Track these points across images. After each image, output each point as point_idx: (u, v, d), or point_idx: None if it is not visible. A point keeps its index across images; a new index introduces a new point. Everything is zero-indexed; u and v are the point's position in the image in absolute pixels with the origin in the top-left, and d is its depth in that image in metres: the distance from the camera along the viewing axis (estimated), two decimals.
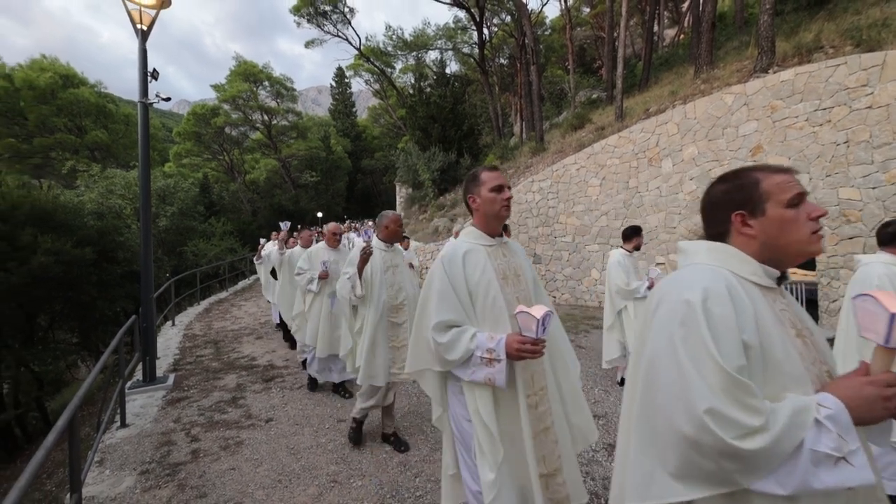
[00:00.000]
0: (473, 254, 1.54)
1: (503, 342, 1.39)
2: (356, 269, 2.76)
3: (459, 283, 1.50)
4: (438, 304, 1.49)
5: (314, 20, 24.59)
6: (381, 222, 2.93)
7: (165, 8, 4.43)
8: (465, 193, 1.62)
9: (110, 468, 2.92)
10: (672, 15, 25.43)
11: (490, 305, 1.50)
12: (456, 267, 1.51)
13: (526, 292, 1.58)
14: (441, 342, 1.44)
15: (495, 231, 1.60)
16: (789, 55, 7.09)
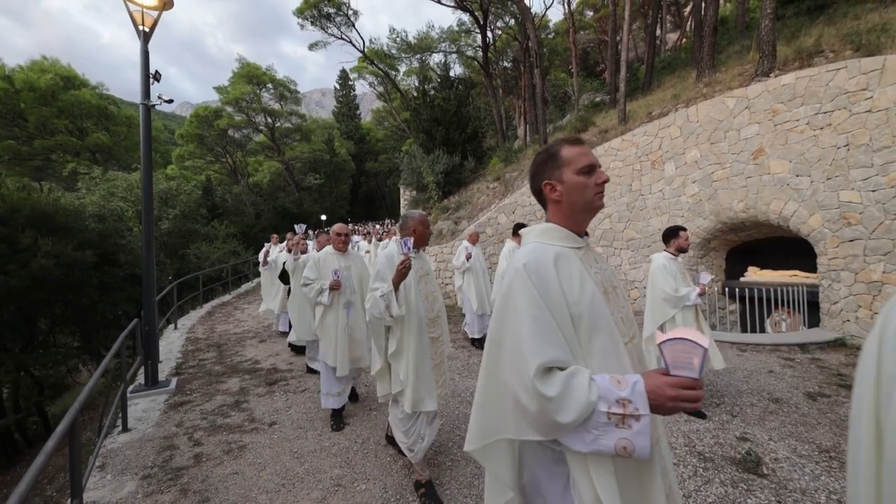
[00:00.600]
0: (565, 260, 1.10)
1: (640, 387, 0.92)
2: (390, 285, 2.35)
3: (557, 303, 1.03)
4: (535, 338, 0.98)
5: (318, 22, 24.69)
6: (407, 224, 2.54)
7: (167, 10, 4.44)
8: (537, 179, 1.19)
9: (112, 473, 2.90)
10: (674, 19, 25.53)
11: (599, 333, 1.04)
12: (549, 280, 1.05)
13: (626, 312, 1.18)
14: (550, 395, 0.92)
15: (583, 228, 1.19)
16: (790, 59, 7.10)
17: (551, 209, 1.20)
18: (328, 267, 3.46)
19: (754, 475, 2.61)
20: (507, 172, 12.49)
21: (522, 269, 1.07)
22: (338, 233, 3.54)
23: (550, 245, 1.13)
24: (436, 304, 2.63)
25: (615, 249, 8.36)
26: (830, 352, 5.15)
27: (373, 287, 2.42)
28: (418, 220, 2.55)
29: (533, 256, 1.09)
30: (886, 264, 5.12)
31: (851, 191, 5.42)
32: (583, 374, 0.95)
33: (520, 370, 0.97)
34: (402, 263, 2.34)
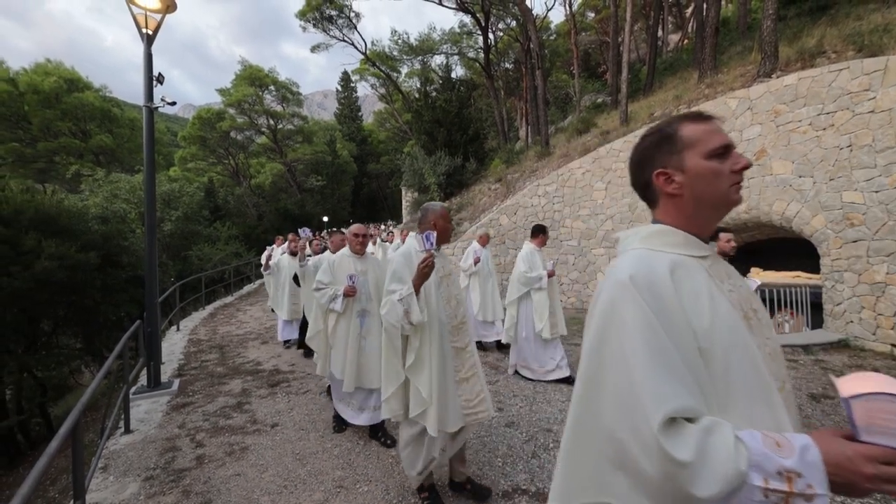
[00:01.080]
0: (686, 273, 0.80)
1: (814, 455, 0.64)
2: (410, 287, 2.06)
3: (680, 331, 0.74)
4: (656, 376, 0.70)
5: (320, 25, 24.80)
6: (427, 217, 2.25)
7: (171, 13, 4.46)
8: (646, 168, 0.89)
9: (114, 474, 2.91)
10: (676, 20, 25.52)
11: (740, 374, 0.75)
12: (667, 299, 0.75)
13: (774, 346, 0.85)
14: (683, 459, 0.65)
15: (709, 231, 0.89)
16: (792, 60, 7.09)
17: (665, 206, 0.89)
18: (343, 271, 3.14)
19: None
20: (508, 174, 12.50)
21: (629, 282, 0.77)
22: (355, 233, 3.19)
23: (662, 252, 0.83)
24: (459, 309, 2.32)
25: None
26: (834, 353, 5.13)
27: (389, 289, 2.15)
28: (439, 214, 2.26)
29: (643, 266, 0.79)
30: (890, 265, 5.09)
31: (854, 191, 5.40)
32: (724, 429, 0.67)
33: (634, 420, 0.70)
34: (424, 262, 2.03)
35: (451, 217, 2.40)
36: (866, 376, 0.67)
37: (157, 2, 4.24)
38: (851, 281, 5.43)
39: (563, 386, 4.22)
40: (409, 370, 2.16)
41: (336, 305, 3.06)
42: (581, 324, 6.82)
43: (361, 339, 3.10)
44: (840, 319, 5.56)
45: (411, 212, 18.85)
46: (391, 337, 2.18)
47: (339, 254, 3.33)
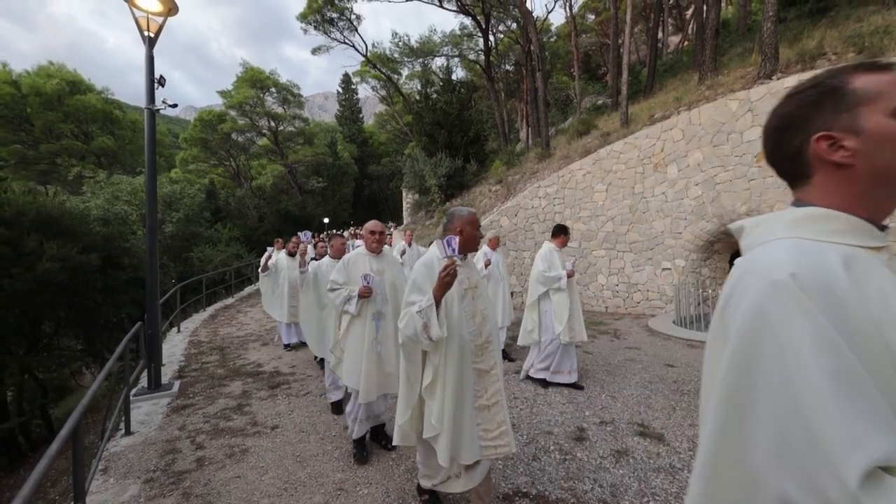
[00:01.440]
0: (864, 269, 0.60)
1: None
2: (431, 298, 1.86)
3: (872, 346, 0.55)
4: (846, 413, 0.50)
5: (321, 27, 24.88)
6: (452, 223, 2.08)
7: (173, 15, 4.48)
8: (797, 132, 0.68)
9: (114, 476, 2.91)
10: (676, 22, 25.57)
11: None
12: (847, 306, 0.56)
13: None
14: None
15: (886, 214, 0.68)
16: (792, 62, 7.10)
17: (824, 182, 0.67)
18: (359, 270, 2.92)
19: None
20: (509, 175, 12.50)
21: (791, 282, 0.57)
22: (372, 231, 3.00)
23: (829, 243, 0.62)
24: (485, 326, 2.08)
25: (618, 252, 8.34)
26: None
27: (409, 301, 1.98)
28: (467, 219, 2.06)
29: (809, 261, 0.59)
30: None
31: None
32: None
33: (813, 473, 0.51)
34: (446, 270, 1.81)
35: (479, 223, 2.15)
36: None
37: (159, 5, 4.26)
38: None
39: (564, 388, 4.21)
40: (425, 390, 1.98)
41: (350, 307, 2.84)
42: None
43: (377, 344, 2.85)
44: None
45: (412, 213, 18.84)
46: (409, 353, 2.01)
47: (354, 252, 3.11)
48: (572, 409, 3.72)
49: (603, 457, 2.91)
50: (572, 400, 3.93)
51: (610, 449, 3.02)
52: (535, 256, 4.36)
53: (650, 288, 7.92)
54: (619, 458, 2.88)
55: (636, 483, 2.60)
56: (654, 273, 7.83)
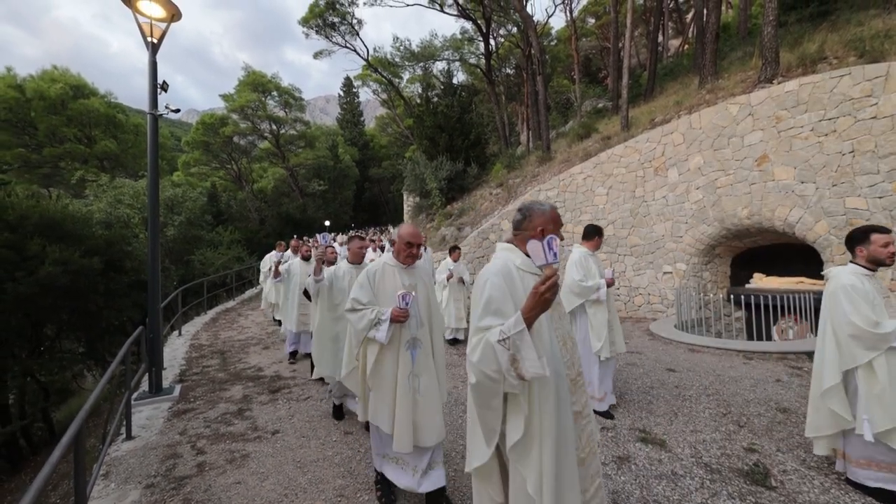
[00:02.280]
0: None
1: None
2: (520, 322, 1.31)
3: None
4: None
5: (322, 31, 25.04)
6: (531, 220, 1.62)
7: (176, 21, 4.53)
8: None
9: (115, 482, 2.91)
10: (676, 25, 25.64)
11: None
12: None
13: None
14: None
15: None
16: (793, 66, 7.11)
17: None
18: (388, 286, 2.40)
19: (762, 487, 2.57)
20: (510, 178, 12.53)
21: None
22: (410, 241, 2.40)
23: None
24: (575, 352, 1.66)
25: (619, 255, 8.34)
26: None
27: (481, 325, 1.43)
28: (549, 217, 1.63)
29: None
30: (894, 271, 5.07)
31: (858, 197, 5.39)
32: None
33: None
34: (546, 283, 1.28)
35: (562, 222, 1.73)
36: None
37: (163, 11, 4.31)
38: None
39: None
40: (514, 451, 1.43)
41: (379, 333, 2.26)
42: None
43: (413, 378, 2.33)
44: None
45: (413, 216, 18.86)
46: (484, 397, 1.42)
47: (379, 263, 2.52)
48: None
49: (604, 463, 2.90)
50: None
51: (611, 455, 3.00)
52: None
53: (651, 292, 7.91)
54: (621, 465, 2.87)
55: (638, 490, 2.59)
56: (656, 277, 7.82)
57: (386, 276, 2.46)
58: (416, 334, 2.39)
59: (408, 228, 2.46)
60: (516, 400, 1.42)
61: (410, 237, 2.41)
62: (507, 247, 1.67)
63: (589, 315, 3.63)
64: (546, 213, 1.64)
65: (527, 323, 1.31)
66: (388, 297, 2.37)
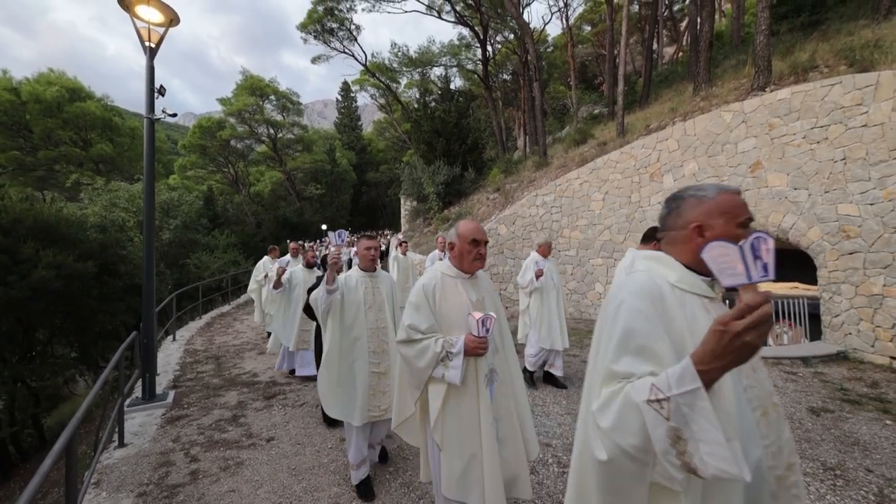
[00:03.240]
0: None
1: None
2: (694, 377, 0.79)
3: None
4: None
5: (321, 37, 25.16)
6: (683, 218, 1.09)
7: (174, 26, 4.53)
8: None
9: (107, 490, 2.87)
10: (671, 33, 25.99)
11: None
12: None
13: None
14: None
15: None
16: (785, 74, 7.21)
17: None
18: (453, 304, 1.83)
19: None
20: (507, 183, 12.58)
21: None
22: (475, 239, 1.84)
23: None
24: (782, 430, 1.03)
25: (615, 261, 8.37)
26: (833, 365, 5.12)
27: (617, 370, 0.96)
28: (715, 205, 1.05)
29: None
30: (887, 277, 5.12)
31: (850, 204, 5.45)
32: None
33: None
34: (750, 318, 0.75)
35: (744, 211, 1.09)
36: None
37: (161, 16, 4.31)
38: (849, 293, 5.44)
39: (563, 399, 4.19)
40: None
41: (452, 373, 1.69)
42: (579, 334, 6.80)
43: (496, 424, 1.78)
44: (838, 331, 5.56)
45: (410, 220, 18.87)
46: (616, 483, 0.95)
47: (435, 276, 1.91)
48: (571, 421, 3.70)
49: None
50: (570, 411, 3.91)
51: None
52: None
53: None
54: None
55: None
56: None
57: (447, 292, 1.87)
58: (492, 363, 1.81)
59: (469, 224, 1.89)
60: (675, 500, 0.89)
61: (475, 233, 1.85)
62: (652, 255, 1.14)
63: None
64: (707, 200, 1.05)
65: (704, 381, 0.79)
66: (451, 319, 1.81)
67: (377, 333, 2.73)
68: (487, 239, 1.92)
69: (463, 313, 1.79)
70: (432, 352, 1.74)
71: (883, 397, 4.03)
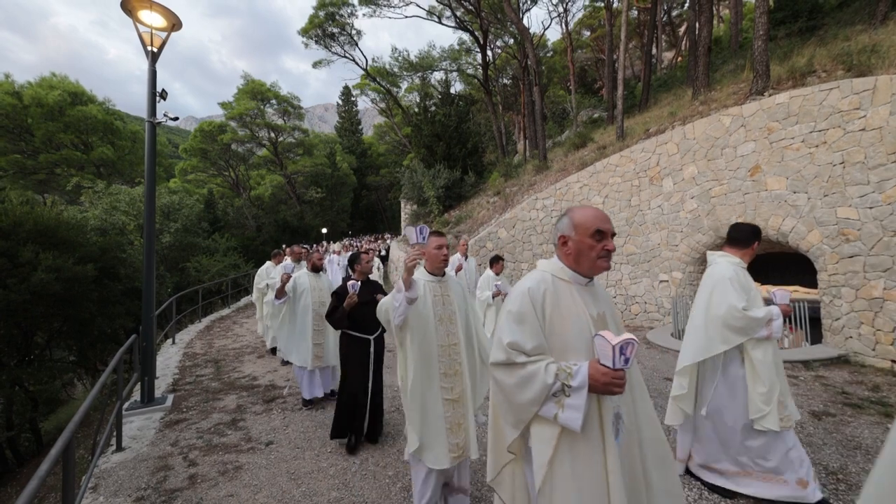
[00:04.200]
0: None
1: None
2: None
3: None
4: None
5: (322, 42, 25.33)
6: None
7: (176, 31, 4.57)
8: None
9: (104, 495, 2.85)
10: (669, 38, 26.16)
11: None
12: None
13: None
14: None
15: None
16: (783, 79, 7.25)
17: None
18: (569, 317, 1.38)
19: None
20: (507, 187, 12.60)
21: None
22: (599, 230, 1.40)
23: None
24: None
25: (615, 264, 8.37)
26: (834, 369, 5.10)
27: None
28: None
29: None
30: (887, 280, 5.12)
31: (849, 207, 5.46)
32: None
33: None
34: None
35: None
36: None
37: (163, 21, 4.34)
38: (849, 296, 5.44)
39: None
40: None
41: (570, 415, 1.25)
42: None
43: (626, 482, 1.31)
44: (839, 335, 5.55)
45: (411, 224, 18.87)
46: None
47: (544, 278, 1.43)
48: None
49: None
50: None
51: None
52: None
53: (648, 300, 7.93)
54: None
55: None
56: (652, 285, 7.85)
57: (561, 301, 1.38)
58: (618, 406, 1.35)
59: (588, 211, 1.42)
60: None
61: (598, 221, 1.38)
62: None
63: (754, 361, 2.37)
64: None
65: None
66: (566, 339, 1.34)
67: (449, 352, 2.25)
68: (613, 230, 1.43)
69: (581, 331, 1.35)
70: (541, 382, 1.26)
71: (884, 401, 4.02)
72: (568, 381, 1.25)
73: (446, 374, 2.23)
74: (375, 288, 3.47)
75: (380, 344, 3.43)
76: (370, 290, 3.40)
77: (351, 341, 3.35)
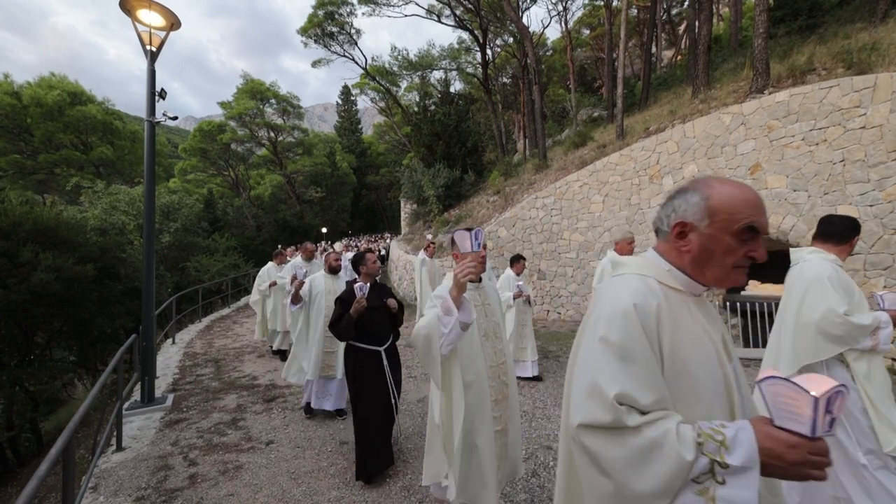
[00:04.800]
0: None
1: None
2: None
3: None
4: None
5: (321, 41, 25.28)
6: None
7: (175, 30, 4.55)
8: None
9: (104, 494, 2.85)
10: (669, 37, 26.13)
11: None
12: None
13: None
14: None
15: None
16: (783, 77, 7.24)
17: None
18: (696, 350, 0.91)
19: None
20: (507, 186, 12.59)
21: None
22: (752, 225, 0.89)
23: None
24: None
25: None
26: None
27: None
28: None
29: None
30: (887, 279, 5.11)
31: (849, 205, 5.46)
32: None
33: None
34: None
35: None
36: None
37: (162, 20, 4.33)
38: None
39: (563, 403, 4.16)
40: None
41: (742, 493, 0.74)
42: None
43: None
44: None
45: (410, 223, 18.88)
46: None
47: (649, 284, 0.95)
48: None
49: None
50: None
51: None
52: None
53: None
54: None
55: None
56: None
57: (680, 322, 0.93)
58: None
59: (737, 190, 0.92)
60: None
61: (755, 211, 0.90)
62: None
63: (860, 374, 1.93)
64: None
65: None
66: (696, 377, 0.89)
67: (498, 372, 1.92)
68: (766, 222, 0.93)
69: (712, 370, 0.91)
70: (674, 458, 0.77)
71: None
72: (720, 455, 0.75)
73: (497, 401, 1.89)
74: (384, 291, 3.11)
75: (393, 356, 3.02)
76: (379, 293, 3.03)
77: (359, 355, 2.88)
